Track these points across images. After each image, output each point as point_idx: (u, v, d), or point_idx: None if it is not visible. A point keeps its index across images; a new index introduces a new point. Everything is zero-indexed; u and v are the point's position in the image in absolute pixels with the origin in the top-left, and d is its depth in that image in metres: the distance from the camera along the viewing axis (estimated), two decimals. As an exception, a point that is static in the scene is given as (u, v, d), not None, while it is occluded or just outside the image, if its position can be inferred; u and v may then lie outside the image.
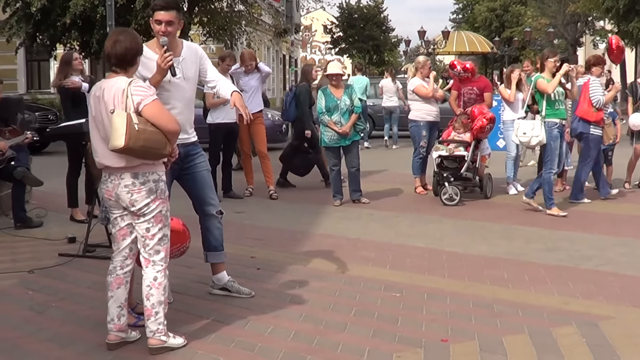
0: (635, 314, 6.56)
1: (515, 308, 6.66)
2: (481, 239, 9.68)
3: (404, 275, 7.86)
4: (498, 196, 12.99)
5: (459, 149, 12.32)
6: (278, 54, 56.58)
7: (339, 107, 11.93)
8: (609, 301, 6.92)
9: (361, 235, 9.89)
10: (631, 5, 33.08)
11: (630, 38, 35.61)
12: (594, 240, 9.64)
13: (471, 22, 73.74)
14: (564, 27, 53.85)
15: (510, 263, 8.37)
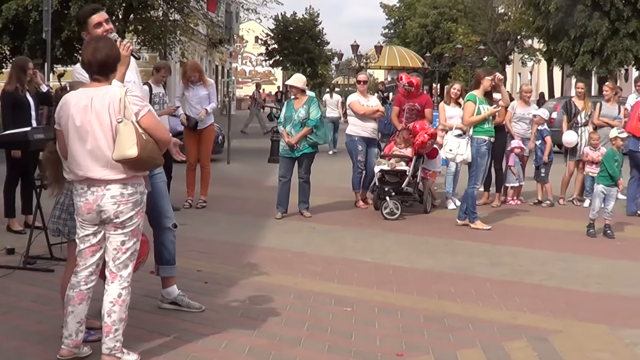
0: (582, 328, 6.74)
1: (466, 322, 6.77)
2: (425, 253, 9.80)
3: (353, 289, 7.91)
4: (437, 210, 13.17)
5: (400, 164, 12.43)
6: (211, 64, 56.40)
7: (292, 119, 11.99)
8: (555, 315, 7.09)
9: (306, 249, 9.92)
10: (560, 25, 33.74)
11: (559, 57, 36.30)
12: (535, 255, 9.84)
13: (403, 37, 74.36)
14: (493, 44, 54.77)
15: (456, 277, 8.50)
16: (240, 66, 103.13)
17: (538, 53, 48.96)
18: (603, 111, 14.39)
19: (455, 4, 64.60)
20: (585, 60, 33.32)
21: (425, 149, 12.54)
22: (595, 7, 32.66)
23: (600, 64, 33.33)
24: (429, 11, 68.05)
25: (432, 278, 8.45)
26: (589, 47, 33.14)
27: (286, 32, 64.64)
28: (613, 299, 7.82)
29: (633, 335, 6.58)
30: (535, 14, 35.63)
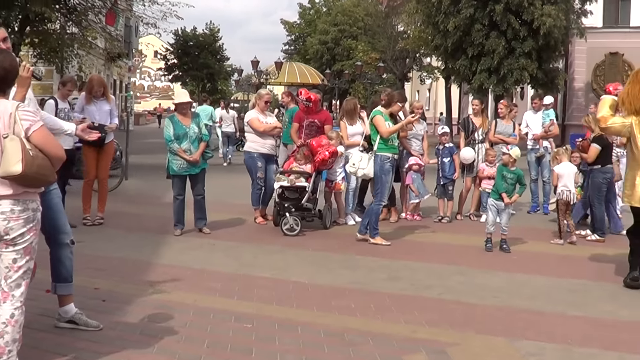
0: (480, 340, 6.86)
1: (366, 337, 6.80)
2: (325, 268, 9.82)
3: (253, 305, 7.87)
4: (337, 227, 13.22)
5: (300, 180, 12.45)
6: (109, 78, 55.71)
7: (188, 135, 11.87)
8: (454, 328, 7.19)
9: (205, 266, 9.82)
10: (459, 44, 34.42)
11: (457, 75, 36.98)
12: (434, 269, 9.96)
13: (303, 53, 74.79)
14: (393, 62, 55.51)
15: (356, 292, 8.53)
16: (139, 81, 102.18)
17: (436, 71, 49.78)
18: (498, 128, 14.70)
19: (355, 22, 65.34)
20: (483, 79, 34.02)
21: (326, 165, 12.59)
22: (492, 27, 33.42)
23: (496, 82, 34.06)
24: (330, 28, 68.62)
25: (332, 293, 8.46)
26: (486, 65, 33.85)
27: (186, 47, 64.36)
28: (510, 312, 7.96)
29: (529, 346, 6.73)
30: (434, 33, 36.26)
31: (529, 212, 15.60)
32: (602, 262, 10.90)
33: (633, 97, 9.14)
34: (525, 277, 9.73)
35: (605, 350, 6.77)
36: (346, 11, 67.90)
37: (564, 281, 9.56)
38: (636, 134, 9.08)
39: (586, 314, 7.99)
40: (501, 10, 32.50)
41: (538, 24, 32.52)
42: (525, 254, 11.37)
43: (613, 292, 9.05)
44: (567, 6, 34.32)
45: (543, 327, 7.40)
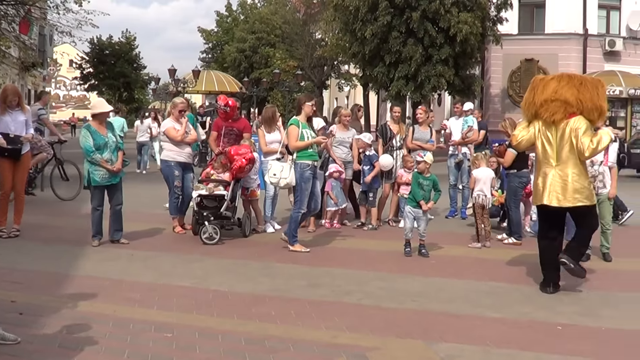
0: (400, 344, 6.94)
1: (287, 343, 6.81)
2: (245, 276, 9.80)
3: (173, 315, 7.82)
4: (256, 235, 13.20)
5: (218, 188, 12.41)
6: (23, 88, 54.68)
7: (107, 145, 11.72)
8: (374, 333, 7.25)
9: (124, 276, 9.71)
10: (376, 51, 34.65)
11: (374, 82, 37.24)
12: (353, 275, 10.01)
13: (221, 62, 74.53)
14: (311, 69, 55.69)
15: (276, 300, 8.54)
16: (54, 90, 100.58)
17: (354, 78, 50.08)
18: (416, 135, 14.85)
19: (273, 30, 65.36)
20: (400, 85, 34.30)
21: (244, 173, 12.58)
22: (409, 34, 33.73)
23: (414, 89, 34.38)
24: (247, 36, 68.51)
25: (252, 301, 8.45)
26: (403, 72, 34.15)
27: (102, 56, 63.64)
28: (429, 315, 8.06)
29: (448, 349, 6.84)
30: (351, 40, 36.45)
31: (447, 216, 15.83)
32: (519, 265, 11.09)
33: (529, 104, 9.41)
34: (443, 281, 9.85)
35: (522, 351, 6.91)
36: (264, 19, 67.88)
37: (482, 284, 9.71)
38: (537, 138, 9.37)
39: (504, 316, 8.13)
40: (418, 18, 32.82)
41: (454, 31, 32.92)
42: (443, 258, 11.52)
43: (529, 294, 9.23)
44: (483, 13, 34.78)
45: (461, 330, 7.51)
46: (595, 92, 9.23)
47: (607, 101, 9.52)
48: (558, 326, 7.79)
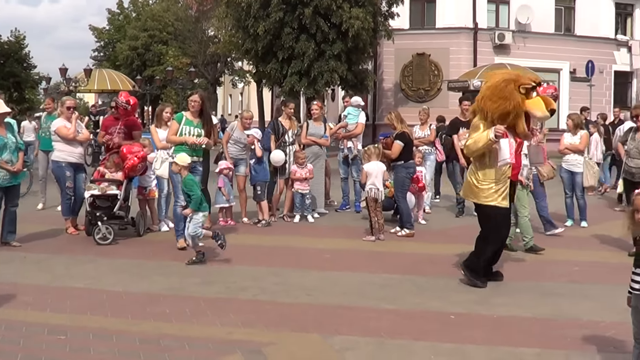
0: (295, 338, 7.03)
1: (182, 342, 6.82)
2: (139, 276, 9.72)
3: (67, 317, 7.72)
4: (151, 233, 13.10)
5: (111, 188, 12.26)
6: None
7: (7, 146, 11.46)
8: (269, 328, 7.32)
9: (17, 279, 9.51)
10: (269, 47, 34.59)
11: (268, 79, 37.19)
12: (249, 271, 10.05)
13: (113, 60, 73.31)
14: (204, 66, 55.32)
15: (171, 298, 8.51)
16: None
17: (248, 75, 49.93)
18: (310, 130, 14.94)
19: (165, 27, 64.63)
20: (293, 81, 34.32)
21: (136, 172, 12.46)
22: (302, 30, 33.74)
23: (307, 85, 34.43)
24: (139, 34, 67.57)
25: (147, 300, 8.40)
26: (296, 68, 34.16)
27: (-10, 56, 61.89)
28: (324, 309, 8.16)
29: (342, 341, 6.94)
30: (244, 37, 36.28)
31: (338, 210, 16.00)
32: (413, 256, 11.33)
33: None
34: (338, 275, 9.96)
35: (416, 341, 7.06)
36: (156, 16, 67.04)
37: (376, 276, 9.86)
38: None
39: (398, 307, 8.28)
40: (310, 14, 32.86)
41: (347, 26, 33.05)
42: (338, 252, 11.64)
43: (423, 285, 9.42)
44: (374, 9, 34.98)
45: (356, 322, 7.62)
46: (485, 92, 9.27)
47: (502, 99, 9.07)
48: (451, 315, 7.98)
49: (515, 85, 9.00)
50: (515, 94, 8.97)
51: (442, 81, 38.56)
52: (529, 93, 9.06)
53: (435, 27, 40.13)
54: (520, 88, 8.99)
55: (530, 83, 9.07)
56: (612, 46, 42.44)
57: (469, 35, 39.60)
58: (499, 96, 9.00)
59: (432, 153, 15.96)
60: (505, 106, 8.97)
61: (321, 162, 15.28)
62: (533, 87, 9.08)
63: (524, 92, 9.01)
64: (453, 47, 39.47)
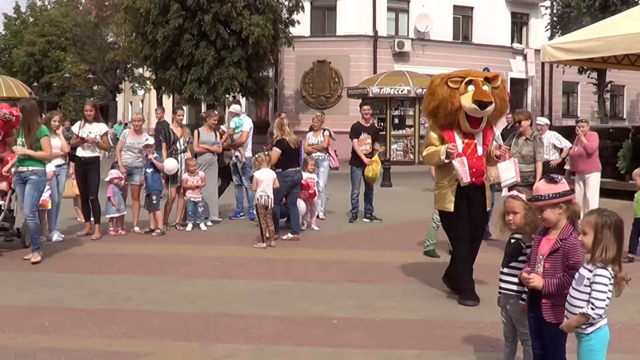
0: (175, 348, 7.00)
1: (59, 354, 6.70)
2: (20, 288, 9.48)
3: (-60, 332, 7.50)
4: (40, 244, 12.80)
5: (-5, 199, 11.96)
6: None
7: None
8: (150, 338, 7.25)
9: None
10: (168, 54, 34.29)
11: (167, 85, 36.86)
12: (136, 281, 9.92)
13: (9, 66, 71.70)
14: (103, 73, 54.55)
15: (52, 310, 8.33)
16: None
17: (148, 82, 49.44)
18: (202, 138, 14.85)
19: (63, 32, 63.50)
20: (193, 88, 34.09)
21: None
22: (202, 37, 33.55)
23: (207, 92, 34.26)
24: (37, 39, 66.21)
25: (27, 313, 8.20)
26: (196, 75, 33.94)
27: None
28: (207, 318, 8.11)
29: (222, 349, 6.94)
30: (143, 43, 35.88)
31: (231, 217, 15.93)
32: (302, 262, 11.40)
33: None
34: (226, 283, 9.92)
35: (298, 346, 7.10)
36: (54, 22, 65.73)
37: (264, 283, 9.85)
38: None
39: (283, 314, 8.30)
40: (210, 20, 32.69)
41: (247, 33, 33.00)
42: (228, 259, 11.61)
43: (310, 290, 9.45)
44: (274, 16, 35.04)
45: (239, 330, 7.61)
46: None
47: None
48: (334, 320, 8.02)
49: (442, 79, 8.80)
50: (441, 88, 8.76)
51: (343, 88, 38.77)
52: (462, 87, 8.72)
53: (336, 34, 40.41)
54: (449, 82, 8.72)
55: (457, 74, 8.89)
56: (508, 54, 43.43)
57: (369, 43, 39.98)
58: (428, 92, 8.97)
59: (325, 159, 16.00)
60: (431, 102, 8.87)
61: (214, 169, 15.17)
62: (469, 82, 8.73)
63: (455, 86, 8.69)
64: (353, 55, 39.80)
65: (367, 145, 15.35)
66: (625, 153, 20.92)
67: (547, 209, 5.35)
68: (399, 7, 41.43)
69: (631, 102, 50.34)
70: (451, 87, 8.70)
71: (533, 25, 45.00)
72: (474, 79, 8.78)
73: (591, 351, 4.99)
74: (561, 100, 46.59)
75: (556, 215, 5.34)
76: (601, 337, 5.00)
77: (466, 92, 8.69)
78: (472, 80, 8.75)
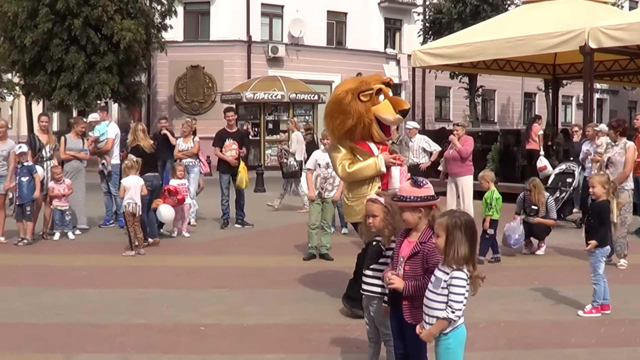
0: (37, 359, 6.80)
1: None
2: None
3: None
4: None
5: None
6: None
7: None
8: (11, 351, 7.16)
9: None
10: (37, 59, 33.56)
11: (36, 91, 36.07)
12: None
13: None
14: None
15: None
16: None
17: (17, 87, 48.22)
18: (69, 145, 14.62)
19: None
20: (63, 94, 33.45)
21: None
22: (72, 41, 32.95)
23: (78, 98, 33.66)
24: None
25: None
26: (66, 81, 33.30)
27: None
28: (72, 328, 8.01)
29: (86, 359, 6.89)
30: (11, 48, 35.03)
31: (101, 226, 15.70)
32: (171, 269, 11.39)
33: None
34: (92, 292, 9.80)
35: (164, 354, 7.11)
36: None
37: (132, 291, 9.78)
38: None
39: (149, 321, 8.26)
40: (80, 25, 32.13)
41: (118, 38, 32.58)
42: (96, 268, 11.47)
43: (177, 298, 9.45)
44: (147, 20, 34.71)
45: (103, 339, 7.54)
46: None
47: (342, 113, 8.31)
48: (201, 327, 8.04)
49: (354, 95, 8.16)
50: (355, 104, 8.15)
51: (216, 93, 38.71)
52: (374, 98, 8.23)
53: (210, 39, 40.35)
54: (361, 96, 8.15)
55: (370, 87, 8.25)
56: (381, 59, 44.08)
57: (243, 48, 40.06)
58: (340, 111, 8.25)
59: (196, 165, 15.95)
60: (347, 122, 8.21)
61: (81, 176, 14.92)
62: (378, 91, 8.25)
63: (366, 99, 8.18)
64: (227, 60, 39.82)
65: (233, 150, 15.36)
66: (494, 155, 21.66)
67: (408, 211, 5.45)
68: (272, 12, 41.64)
69: (502, 106, 51.87)
70: (364, 101, 8.19)
71: (406, 30, 45.90)
72: (382, 87, 8.37)
73: (449, 350, 5.08)
74: (434, 104, 47.49)
75: (415, 218, 5.43)
76: (459, 336, 5.09)
77: (379, 103, 8.29)
78: (381, 89, 8.34)
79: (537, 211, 12.50)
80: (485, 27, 23.56)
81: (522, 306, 9.03)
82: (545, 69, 27.42)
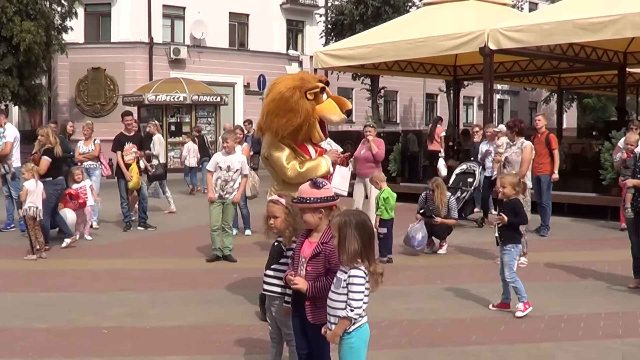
0: None
1: None
2: None
3: None
4: None
5: None
6: None
7: None
8: None
9: None
10: None
11: None
12: None
13: None
14: None
15: None
16: None
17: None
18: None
19: None
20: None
21: None
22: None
23: (-25, 101, 33.02)
24: None
25: None
26: (-39, 83, 32.62)
27: None
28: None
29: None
30: None
31: (2, 229, 15.42)
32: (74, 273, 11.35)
33: None
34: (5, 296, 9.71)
35: (66, 358, 7.15)
36: None
37: (32, 295, 9.75)
38: None
39: (50, 325, 8.24)
40: (-22, 27, 31.58)
41: (18, 40, 31.99)
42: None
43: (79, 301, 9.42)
44: (47, 22, 34.11)
45: (3, 343, 7.54)
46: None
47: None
48: (104, 329, 8.05)
49: (301, 92, 7.81)
50: (303, 102, 7.81)
51: (118, 96, 38.23)
52: (318, 97, 8.00)
53: (111, 41, 39.87)
54: (307, 94, 7.84)
55: (317, 85, 8.00)
56: (284, 61, 44.11)
57: (145, 50, 39.70)
58: (286, 109, 7.83)
59: (97, 168, 15.85)
60: (295, 120, 7.85)
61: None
62: (322, 89, 8.05)
63: (312, 97, 7.89)
64: (129, 62, 39.39)
65: (133, 154, 15.31)
66: (396, 156, 21.97)
67: (308, 212, 5.52)
68: (174, 13, 41.36)
69: (404, 107, 52.44)
70: (310, 99, 7.89)
71: (308, 32, 46.05)
72: (325, 86, 8.13)
73: (352, 349, 5.14)
74: (336, 106, 47.68)
75: (316, 219, 5.52)
76: (362, 335, 5.16)
77: (322, 102, 8.06)
78: (324, 88, 8.12)
79: (439, 211, 12.72)
80: (386, 28, 23.79)
81: (425, 305, 9.23)
82: (446, 70, 27.81)
